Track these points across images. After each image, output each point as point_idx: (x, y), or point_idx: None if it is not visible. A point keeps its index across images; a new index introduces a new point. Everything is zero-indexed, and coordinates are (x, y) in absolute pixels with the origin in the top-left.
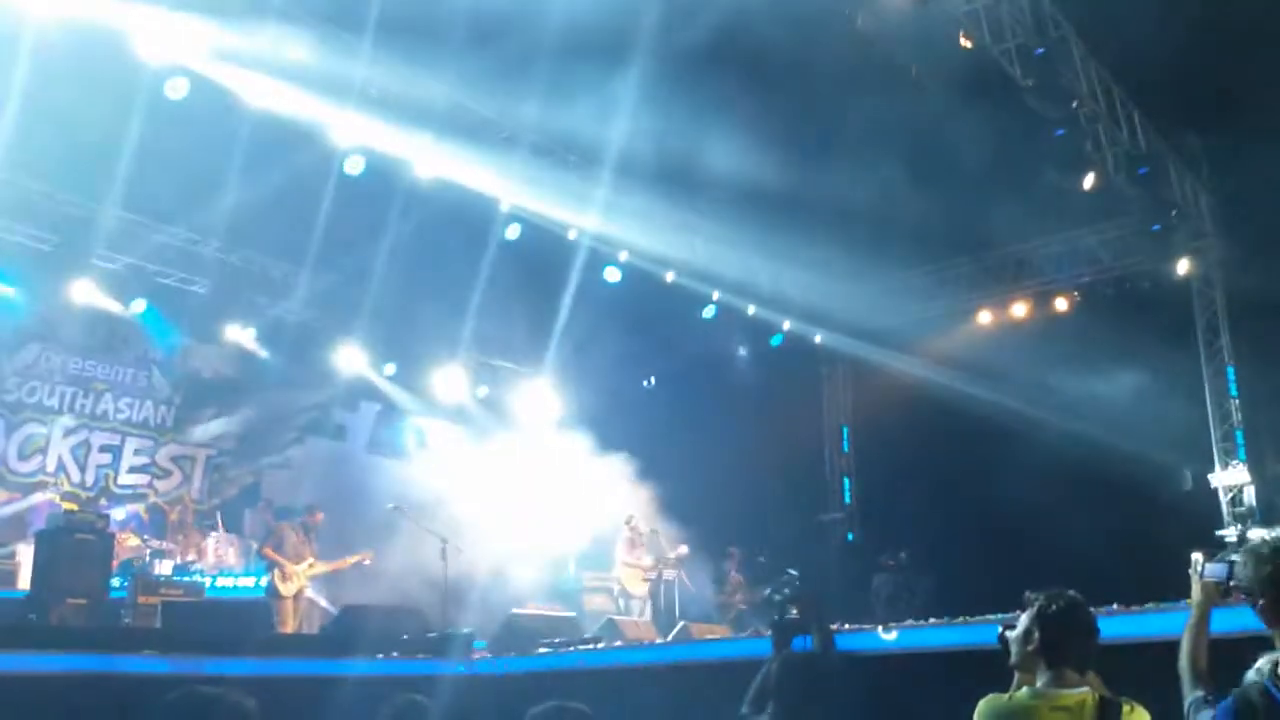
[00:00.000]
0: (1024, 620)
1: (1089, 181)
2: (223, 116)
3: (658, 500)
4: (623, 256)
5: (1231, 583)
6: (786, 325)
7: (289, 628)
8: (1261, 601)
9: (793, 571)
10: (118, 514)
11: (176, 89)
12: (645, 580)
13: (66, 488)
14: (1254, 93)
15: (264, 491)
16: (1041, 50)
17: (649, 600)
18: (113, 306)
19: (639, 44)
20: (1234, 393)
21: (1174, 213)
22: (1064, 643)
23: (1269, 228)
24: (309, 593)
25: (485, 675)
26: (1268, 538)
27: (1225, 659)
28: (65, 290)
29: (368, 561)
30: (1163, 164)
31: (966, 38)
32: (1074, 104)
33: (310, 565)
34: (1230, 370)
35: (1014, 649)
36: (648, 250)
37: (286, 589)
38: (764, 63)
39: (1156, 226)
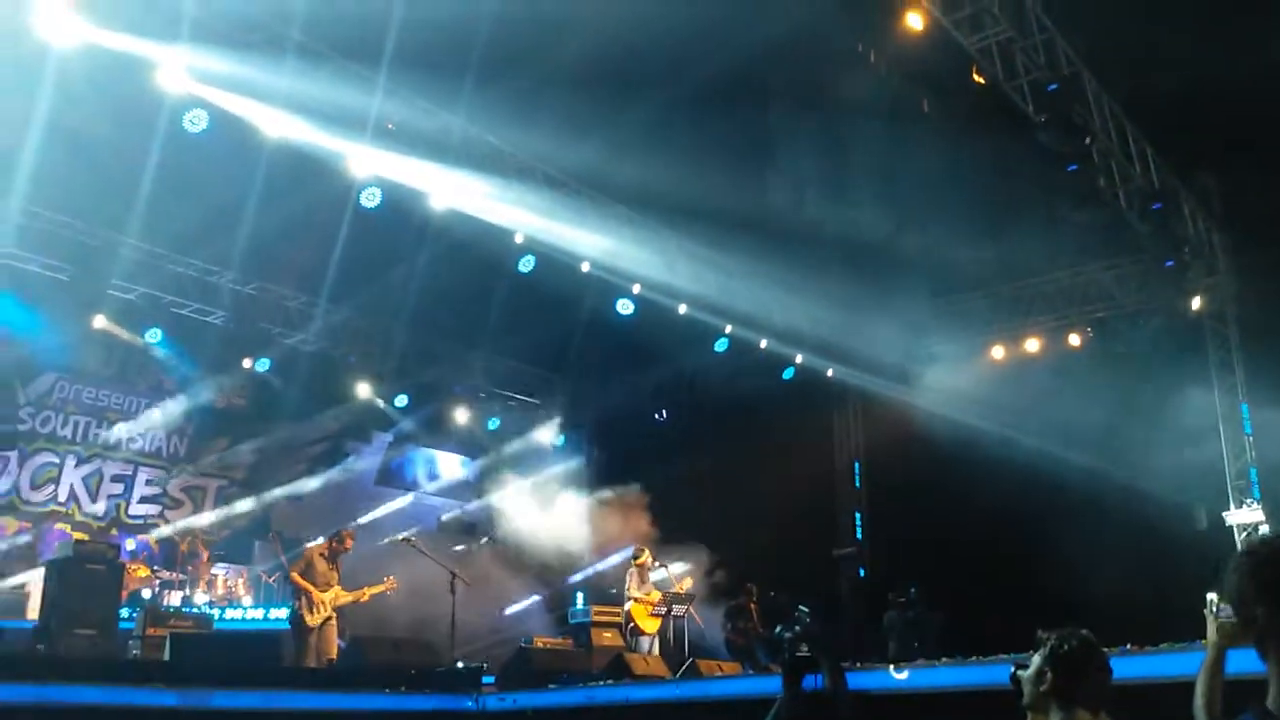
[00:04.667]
0: (1036, 660)
1: (1101, 217)
2: (241, 148)
3: (668, 534)
4: (636, 289)
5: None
6: (799, 359)
7: (310, 660)
8: (1259, 612)
9: (804, 608)
10: (128, 544)
11: (196, 121)
12: (654, 615)
13: (78, 517)
14: (1266, 130)
15: (274, 523)
16: (1054, 86)
17: (657, 636)
18: (128, 336)
19: (653, 79)
20: (1248, 430)
21: (1187, 249)
22: (1077, 683)
23: None
24: (332, 624)
25: (493, 710)
26: (1264, 536)
27: (1241, 701)
28: (81, 320)
29: (390, 591)
30: (1175, 200)
31: (979, 74)
32: (1087, 140)
33: (336, 595)
34: (1244, 407)
35: (1026, 689)
36: (660, 283)
37: (313, 619)
38: (777, 98)
39: (1169, 262)
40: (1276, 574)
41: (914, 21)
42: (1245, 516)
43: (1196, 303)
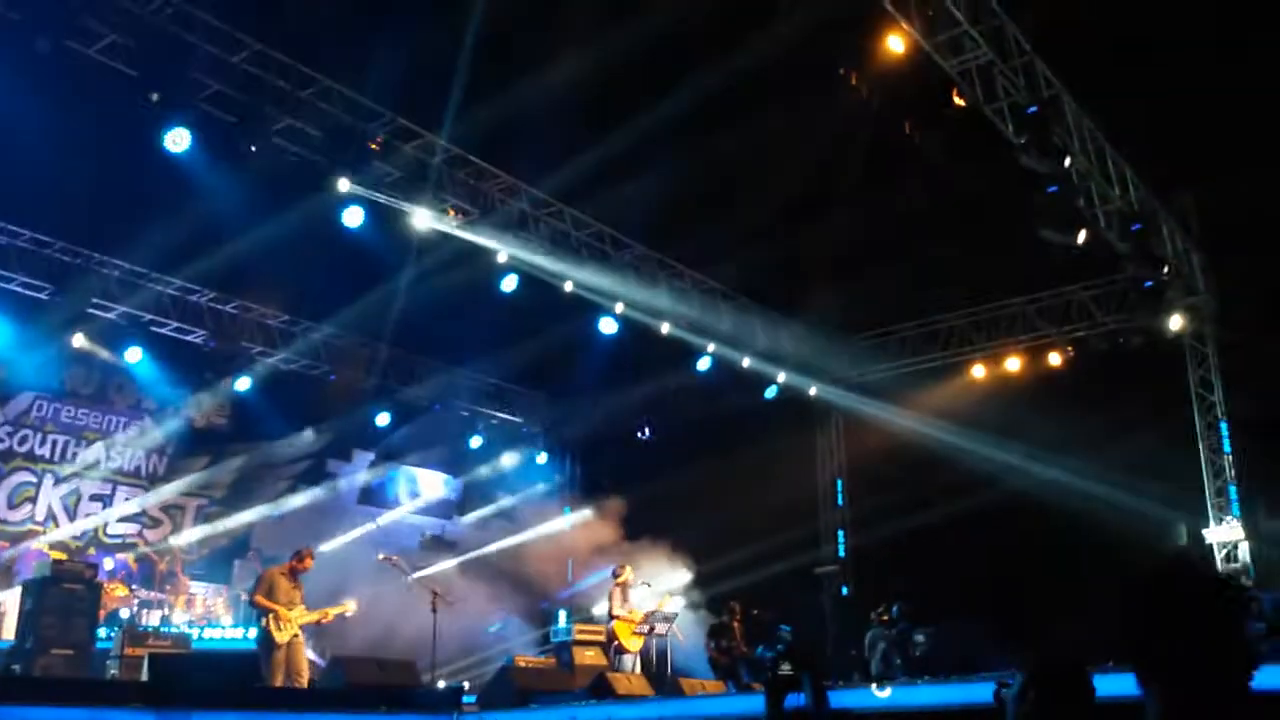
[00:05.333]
0: (1020, 678)
1: (1081, 238)
2: (223, 166)
3: (651, 552)
4: (619, 309)
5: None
6: (781, 378)
7: (279, 680)
8: (1151, 640)
9: (786, 627)
10: (107, 563)
11: (177, 141)
12: (636, 634)
13: (56, 537)
14: (1245, 151)
15: (254, 541)
16: (1034, 109)
17: (639, 655)
18: (107, 355)
19: (636, 98)
20: (1227, 449)
21: (1166, 269)
22: (1061, 702)
23: (1261, 285)
24: (299, 640)
25: None
26: (1159, 560)
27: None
28: (60, 339)
29: (349, 613)
30: (1154, 221)
31: (960, 96)
32: (1066, 162)
33: (300, 613)
34: (1223, 425)
35: (1010, 707)
36: (643, 302)
37: (281, 636)
38: (759, 118)
39: (1149, 283)
40: (1167, 599)
41: (895, 45)
42: (1224, 534)
43: (1176, 322)
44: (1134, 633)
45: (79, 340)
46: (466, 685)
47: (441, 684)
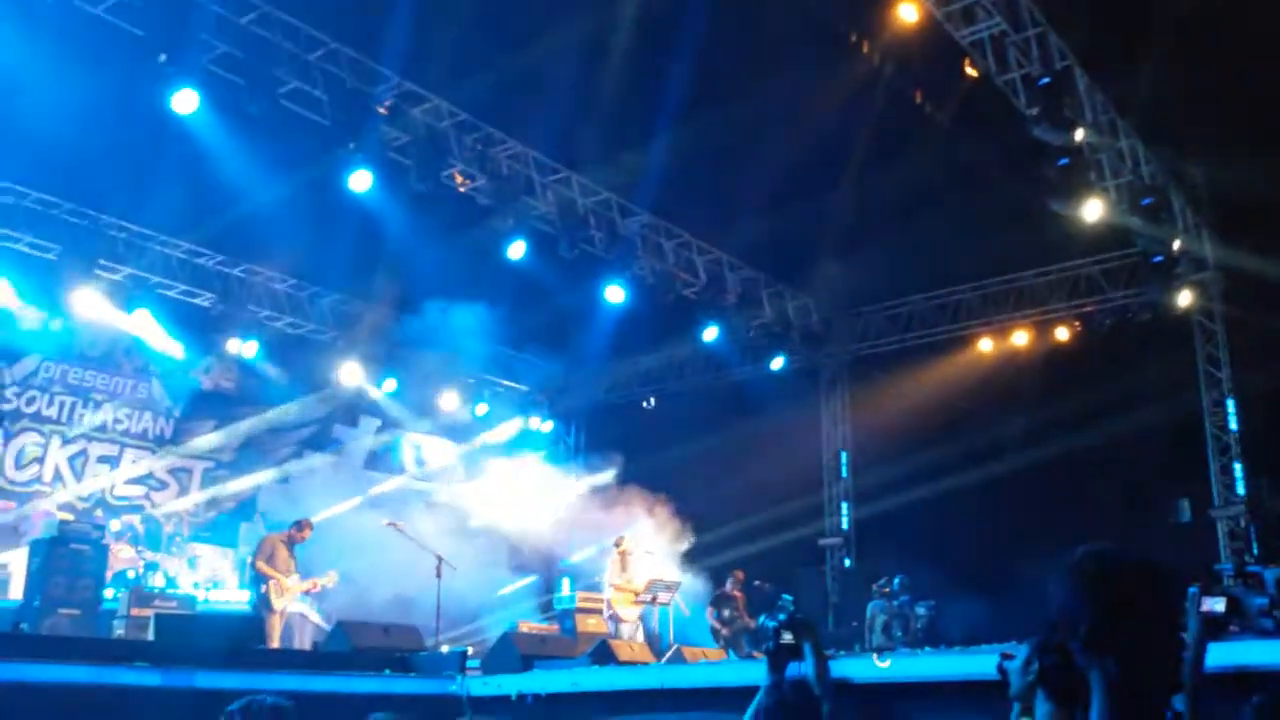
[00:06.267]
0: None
1: (1091, 211)
2: (231, 129)
3: (656, 521)
4: (627, 276)
5: (1229, 617)
6: (787, 349)
7: (275, 643)
8: (1084, 628)
9: (788, 597)
10: (114, 525)
11: (185, 102)
12: (636, 603)
13: (63, 498)
14: (1257, 127)
15: (260, 505)
16: (1046, 80)
17: (640, 624)
18: (115, 317)
19: (644, 66)
20: (1234, 426)
21: (1176, 245)
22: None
23: (1271, 260)
24: (295, 607)
25: (477, 695)
26: (1091, 549)
27: (1220, 694)
28: (67, 300)
29: (331, 584)
30: (1165, 196)
31: (972, 66)
32: (1078, 135)
33: (295, 581)
34: (1230, 402)
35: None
36: (651, 270)
37: (280, 603)
38: (770, 87)
39: (1158, 258)
40: (1103, 589)
41: (908, 13)
42: (1228, 511)
43: (1185, 298)
44: (1077, 612)
45: (86, 301)
46: (470, 650)
47: (445, 649)
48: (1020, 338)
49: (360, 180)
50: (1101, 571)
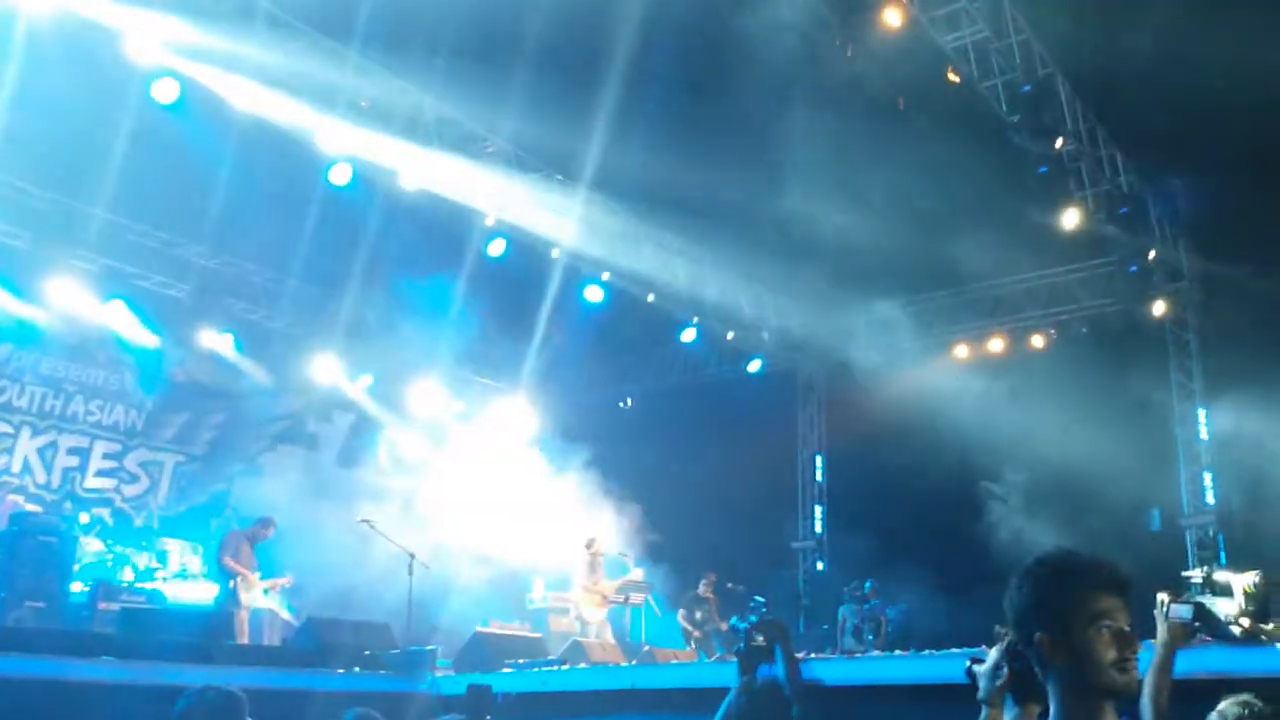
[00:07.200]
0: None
1: (1069, 219)
2: (210, 120)
3: (629, 522)
4: (605, 276)
5: (1196, 624)
6: (765, 352)
7: (244, 639)
8: (1038, 634)
9: (760, 599)
10: (82, 517)
11: (165, 91)
12: (602, 605)
13: (31, 489)
14: (1236, 139)
15: (233, 499)
16: (1028, 88)
17: (607, 625)
18: (88, 307)
19: (626, 65)
20: (1204, 435)
21: (1152, 254)
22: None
23: (1245, 272)
24: (264, 603)
25: (448, 695)
26: (1045, 554)
27: (1188, 700)
28: (40, 289)
29: (287, 585)
30: (1143, 205)
31: (954, 72)
32: (1058, 142)
33: (257, 578)
34: (1201, 411)
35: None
36: (630, 271)
37: (248, 599)
38: (751, 90)
39: (1134, 267)
40: (1055, 593)
41: (891, 18)
42: (1198, 519)
43: (1159, 308)
44: (1029, 615)
45: (59, 290)
46: (440, 649)
47: (415, 647)
48: (995, 344)
49: (341, 173)
50: (1054, 573)
